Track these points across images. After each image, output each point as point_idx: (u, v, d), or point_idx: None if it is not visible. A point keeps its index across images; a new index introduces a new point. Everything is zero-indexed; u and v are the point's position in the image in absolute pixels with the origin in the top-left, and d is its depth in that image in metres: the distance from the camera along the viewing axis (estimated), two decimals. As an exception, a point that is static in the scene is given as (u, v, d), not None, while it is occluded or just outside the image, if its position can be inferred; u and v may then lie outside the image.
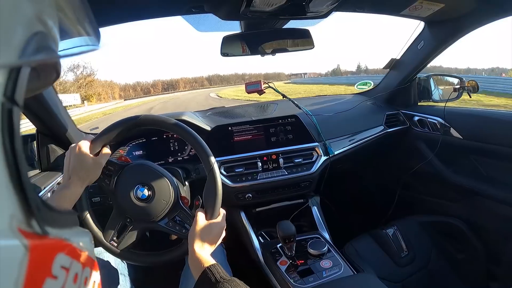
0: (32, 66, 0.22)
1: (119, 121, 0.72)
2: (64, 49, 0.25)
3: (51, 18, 0.23)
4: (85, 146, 0.68)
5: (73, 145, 0.69)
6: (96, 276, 0.31)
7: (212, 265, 0.57)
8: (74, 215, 0.29)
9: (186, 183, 0.91)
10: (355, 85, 1.59)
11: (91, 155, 0.68)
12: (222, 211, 0.71)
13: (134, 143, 1.11)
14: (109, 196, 0.74)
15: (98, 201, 1.00)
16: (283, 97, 1.27)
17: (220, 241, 0.68)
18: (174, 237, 0.77)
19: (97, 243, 0.73)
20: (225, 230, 0.71)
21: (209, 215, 0.68)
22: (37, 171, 1.04)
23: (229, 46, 1.10)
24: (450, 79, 1.46)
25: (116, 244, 0.73)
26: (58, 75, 0.28)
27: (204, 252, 0.61)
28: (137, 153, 1.11)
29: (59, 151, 1.08)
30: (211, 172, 0.69)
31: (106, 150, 0.72)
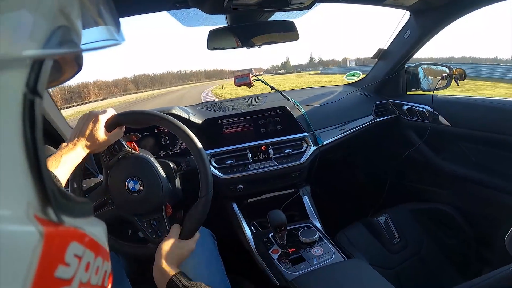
0: (55, 59, 0.23)
1: (146, 111, 0.73)
2: (86, 43, 0.25)
3: (74, 12, 0.23)
4: (103, 119, 0.69)
5: (93, 112, 0.69)
6: (107, 266, 0.31)
7: (178, 272, 0.60)
8: (89, 205, 0.30)
9: (177, 175, 0.93)
10: (344, 76, 1.60)
11: (105, 129, 0.69)
12: (197, 235, 0.73)
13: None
14: (103, 172, 0.75)
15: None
16: (271, 89, 1.28)
17: (183, 260, 0.70)
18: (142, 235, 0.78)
19: None
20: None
21: (184, 235, 0.70)
22: None
23: (216, 40, 1.10)
24: (439, 68, 1.47)
25: None
26: (80, 68, 0.29)
27: (170, 265, 0.63)
28: None
29: (52, 148, 1.09)
30: (205, 198, 0.71)
31: (120, 130, 0.72)
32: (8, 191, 0.19)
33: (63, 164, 0.61)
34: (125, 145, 0.76)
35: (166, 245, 0.66)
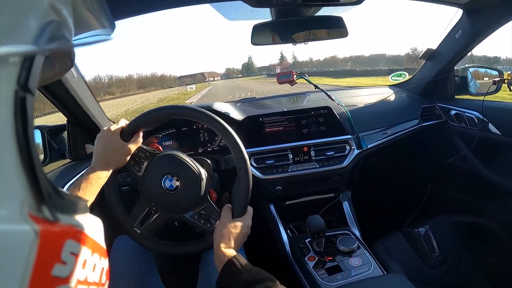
0: (46, 55, 0.23)
1: (155, 109, 0.72)
2: (78, 39, 0.25)
3: (66, 7, 0.23)
4: (116, 130, 0.68)
5: (105, 128, 0.69)
6: (104, 263, 0.31)
7: (235, 255, 0.57)
8: (84, 202, 0.29)
9: (216, 174, 0.90)
10: (390, 77, 1.53)
11: (121, 140, 0.68)
12: (250, 210, 0.70)
13: (164, 133, 1.10)
14: (137, 183, 0.74)
15: (127, 190, 1.00)
16: (315, 88, 1.23)
17: (245, 239, 0.67)
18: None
19: (121, 228, 0.74)
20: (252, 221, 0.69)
21: (236, 213, 0.67)
22: (68, 160, 1.06)
23: (259, 35, 1.06)
24: (489, 71, 1.38)
25: (139, 231, 0.73)
26: (72, 64, 0.29)
27: (227, 248, 0.61)
28: (167, 143, 1.10)
29: (89, 141, 1.09)
30: (243, 170, 0.68)
31: (138, 137, 0.71)
32: (1, 190, 0.19)
33: (89, 186, 0.61)
34: (149, 149, 0.74)
35: (221, 229, 0.64)
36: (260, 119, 1.14)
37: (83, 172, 0.66)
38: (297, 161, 1.09)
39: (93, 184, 0.62)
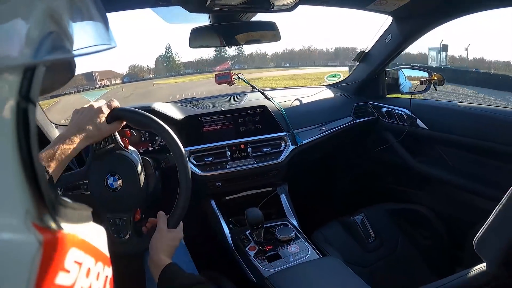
0: (47, 66, 0.23)
1: (153, 118, 0.71)
2: (78, 48, 0.25)
3: (65, 17, 0.23)
4: (105, 109, 0.67)
5: (95, 104, 0.68)
6: (108, 271, 0.31)
7: (170, 263, 0.62)
8: (87, 211, 0.29)
9: (157, 172, 0.92)
10: (325, 77, 1.63)
11: (105, 121, 0.67)
12: (181, 223, 0.74)
13: None
14: (88, 156, 0.74)
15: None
16: (252, 88, 1.30)
17: (173, 250, 0.70)
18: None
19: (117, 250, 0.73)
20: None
21: (171, 224, 0.71)
22: None
23: (198, 38, 1.11)
24: (419, 72, 1.51)
25: (128, 237, 0.74)
26: (72, 74, 0.29)
27: (163, 257, 0.65)
28: None
29: None
30: (185, 185, 0.71)
31: (119, 125, 0.71)
32: (5, 200, 0.19)
33: (59, 160, 0.59)
34: (119, 140, 0.74)
35: (160, 238, 0.68)
36: (199, 118, 1.18)
37: (58, 138, 0.62)
38: (235, 158, 1.15)
39: (69, 157, 0.61)
